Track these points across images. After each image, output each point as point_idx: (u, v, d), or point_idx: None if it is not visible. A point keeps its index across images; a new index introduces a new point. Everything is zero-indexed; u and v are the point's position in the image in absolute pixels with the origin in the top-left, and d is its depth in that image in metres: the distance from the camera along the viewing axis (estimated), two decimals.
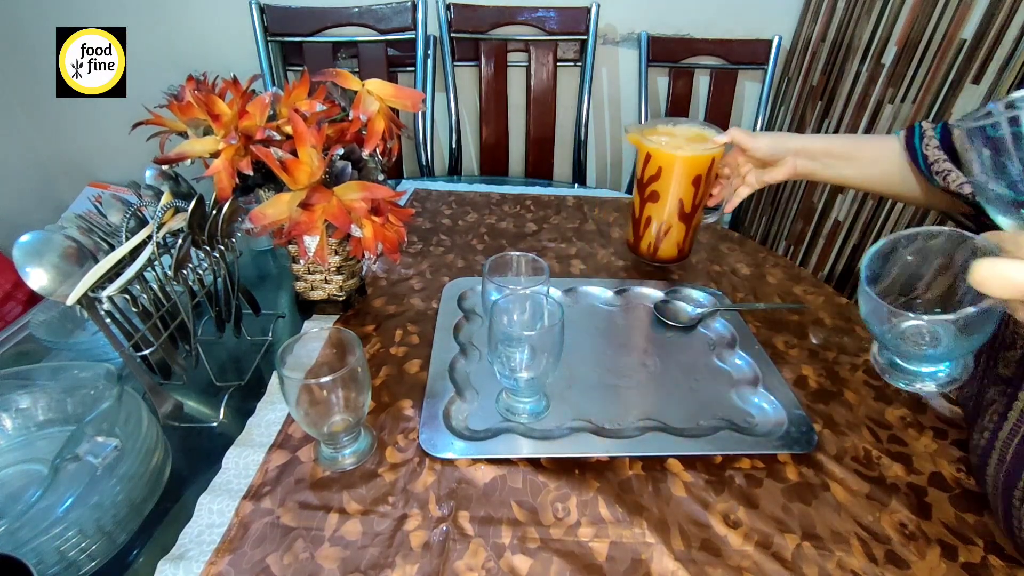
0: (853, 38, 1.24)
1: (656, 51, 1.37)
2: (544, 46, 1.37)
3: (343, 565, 0.42)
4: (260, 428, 0.54)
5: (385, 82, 0.59)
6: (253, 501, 0.47)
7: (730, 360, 0.64)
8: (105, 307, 0.48)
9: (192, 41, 1.47)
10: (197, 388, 0.60)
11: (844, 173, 0.70)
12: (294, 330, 0.69)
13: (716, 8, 1.42)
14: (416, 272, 0.81)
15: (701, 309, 0.72)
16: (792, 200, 1.47)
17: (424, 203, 1.05)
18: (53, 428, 0.52)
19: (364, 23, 1.32)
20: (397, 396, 0.58)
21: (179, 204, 0.53)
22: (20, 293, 1.31)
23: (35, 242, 0.46)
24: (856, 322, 0.74)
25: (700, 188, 0.77)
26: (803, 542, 0.45)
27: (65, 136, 1.61)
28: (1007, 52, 0.85)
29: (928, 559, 0.44)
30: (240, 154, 0.53)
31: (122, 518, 0.43)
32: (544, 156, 1.47)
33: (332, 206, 0.53)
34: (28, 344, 0.65)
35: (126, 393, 0.49)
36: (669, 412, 0.57)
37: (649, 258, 0.84)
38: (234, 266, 0.60)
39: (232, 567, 0.42)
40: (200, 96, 0.53)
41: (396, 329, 0.69)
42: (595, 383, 0.61)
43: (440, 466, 0.51)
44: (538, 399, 0.57)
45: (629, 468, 0.51)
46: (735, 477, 0.51)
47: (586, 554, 0.44)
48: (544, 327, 0.56)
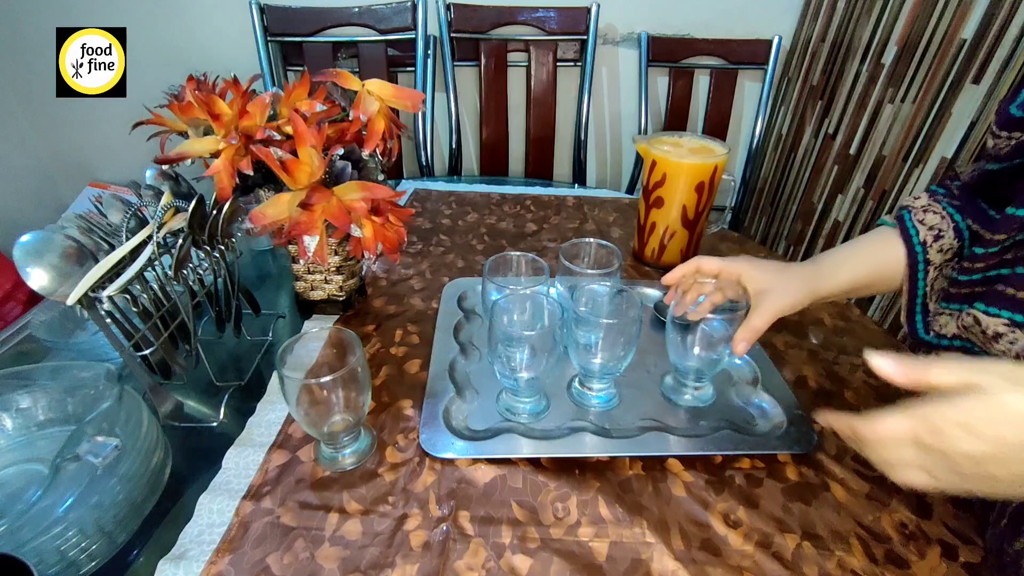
0: (853, 38, 1.24)
1: (656, 51, 1.37)
2: (544, 46, 1.37)
3: (343, 565, 0.42)
4: (260, 428, 0.54)
5: (385, 82, 0.59)
6: (253, 501, 0.47)
7: (730, 360, 0.64)
8: (105, 307, 0.48)
9: (192, 41, 1.47)
10: (197, 388, 0.60)
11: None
12: (294, 330, 0.69)
13: (716, 8, 1.42)
14: (416, 272, 0.81)
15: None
16: (792, 200, 1.47)
17: (424, 203, 1.05)
18: (53, 428, 0.52)
19: (364, 23, 1.32)
20: (397, 396, 0.58)
21: (179, 204, 0.53)
22: (20, 293, 1.31)
23: (35, 242, 0.46)
24: (856, 322, 0.74)
25: (703, 195, 0.78)
26: (803, 542, 0.45)
27: (65, 136, 1.61)
28: (1007, 52, 0.85)
29: (928, 559, 0.44)
30: (240, 154, 0.53)
31: (122, 518, 0.43)
32: (544, 156, 1.47)
33: (332, 206, 0.53)
34: (28, 344, 0.65)
35: (126, 393, 0.49)
36: (669, 412, 0.57)
37: (653, 264, 0.85)
38: (234, 266, 0.60)
39: (232, 567, 0.42)
40: (200, 96, 0.53)
41: (396, 329, 0.69)
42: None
43: (440, 466, 0.51)
44: (538, 399, 0.57)
45: (629, 468, 0.51)
46: (735, 477, 0.51)
47: (586, 554, 0.44)
48: (544, 327, 0.56)
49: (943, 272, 0.50)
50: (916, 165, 1.03)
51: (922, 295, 0.50)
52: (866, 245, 0.54)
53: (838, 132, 1.28)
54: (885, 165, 1.11)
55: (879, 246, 0.53)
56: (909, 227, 0.51)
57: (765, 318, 0.51)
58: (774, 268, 0.54)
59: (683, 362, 0.57)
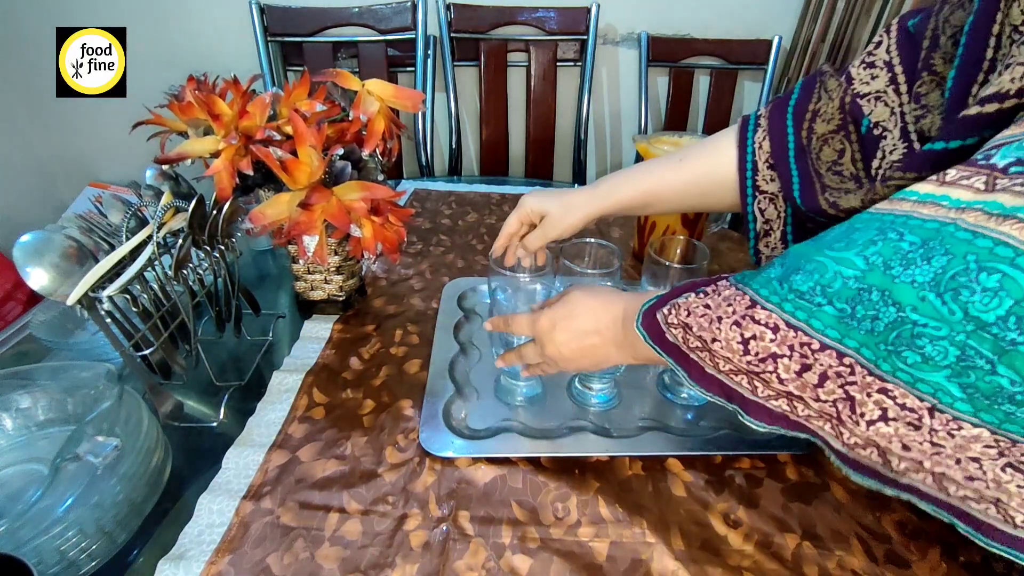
0: (853, 38, 1.24)
1: (656, 51, 1.37)
2: (544, 46, 1.37)
3: (343, 565, 0.42)
4: (260, 428, 0.54)
5: (385, 82, 0.59)
6: (253, 501, 0.47)
7: None
8: (105, 307, 0.48)
9: (192, 41, 1.47)
10: (197, 388, 0.60)
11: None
12: (294, 330, 0.69)
13: (716, 8, 1.42)
14: (416, 272, 0.81)
15: None
16: None
17: (424, 203, 1.05)
18: (53, 428, 0.52)
19: (364, 23, 1.32)
20: (397, 396, 0.58)
21: (179, 204, 0.53)
22: (20, 293, 1.31)
23: (35, 242, 0.46)
24: None
25: None
26: (803, 542, 0.45)
27: (65, 136, 1.61)
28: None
29: (928, 559, 0.44)
30: (240, 154, 0.53)
31: (122, 518, 0.43)
32: (544, 156, 1.47)
33: (332, 206, 0.53)
34: (28, 344, 0.65)
35: (126, 393, 0.49)
36: (669, 412, 0.57)
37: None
38: (234, 266, 0.60)
39: (232, 567, 0.42)
40: (200, 96, 0.53)
41: (396, 329, 0.69)
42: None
43: (440, 466, 0.51)
44: (534, 383, 0.58)
45: (629, 468, 0.51)
46: (735, 477, 0.51)
47: (586, 554, 0.44)
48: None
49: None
50: None
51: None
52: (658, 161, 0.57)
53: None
54: None
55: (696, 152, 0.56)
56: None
57: (539, 237, 0.57)
58: (555, 194, 0.58)
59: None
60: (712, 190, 0.54)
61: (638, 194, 0.56)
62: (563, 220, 0.56)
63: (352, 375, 0.61)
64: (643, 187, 0.56)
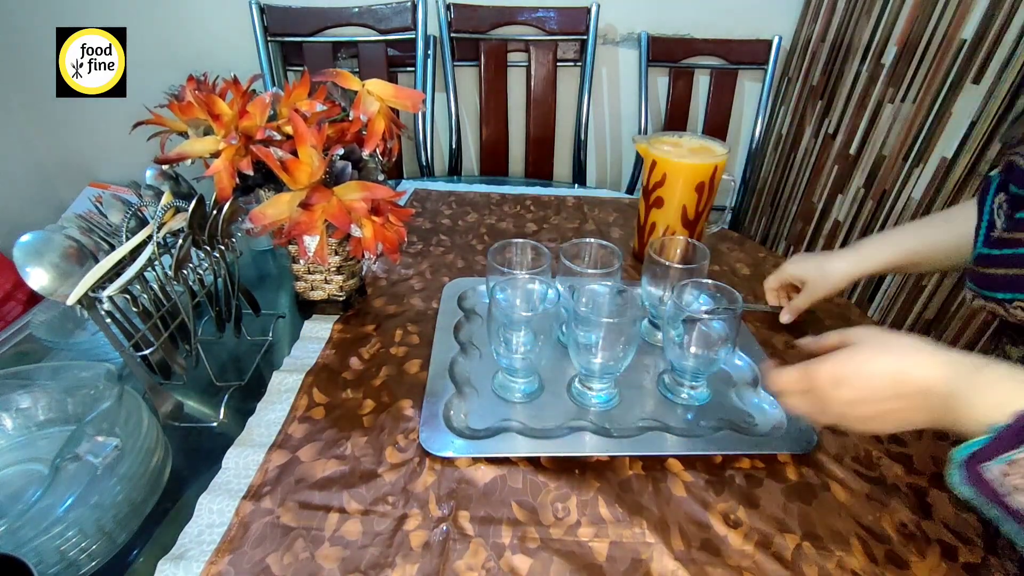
0: (853, 38, 1.24)
1: (656, 51, 1.37)
2: (544, 46, 1.37)
3: (343, 565, 0.42)
4: (260, 428, 0.54)
5: (385, 82, 0.59)
6: (253, 501, 0.47)
7: (730, 360, 0.64)
8: (105, 307, 0.48)
9: (192, 41, 1.46)
10: (197, 388, 0.60)
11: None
12: (294, 330, 0.69)
13: (716, 8, 1.42)
14: (416, 272, 0.81)
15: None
16: (792, 200, 1.47)
17: (424, 203, 1.05)
18: (53, 428, 0.52)
19: (364, 23, 1.32)
20: (397, 396, 0.58)
21: (179, 204, 0.53)
22: (20, 293, 1.31)
23: (35, 242, 0.46)
24: (855, 323, 0.74)
25: (703, 195, 0.78)
26: (803, 542, 0.45)
27: (65, 136, 1.61)
28: (1007, 52, 0.85)
29: (928, 559, 0.44)
30: (240, 154, 0.53)
31: (122, 518, 0.43)
32: (544, 156, 1.47)
33: (332, 206, 0.53)
34: (28, 344, 0.65)
35: (126, 393, 0.49)
36: (669, 412, 0.57)
37: None
38: (234, 266, 0.60)
39: (232, 567, 0.42)
40: (200, 96, 0.53)
41: (396, 329, 0.69)
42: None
43: (440, 466, 0.51)
44: (532, 380, 0.59)
45: (629, 468, 0.51)
46: (735, 477, 0.51)
47: (586, 554, 0.44)
48: (541, 311, 0.57)
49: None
50: (916, 165, 1.03)
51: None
52: (919, 224, 0.61)
53: (838, 132, 1.28)
54: (885, 165, 1.11)
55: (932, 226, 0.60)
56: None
57: (804, 301, 0.67)
58: (815, 259, 0.66)
59: (680, 362, 0.57)
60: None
61: (904, 254, 0.60)
62: (825, 283, 0.65)
63: (352, 375, 0.61)
64: (910, 247, 0.60)
